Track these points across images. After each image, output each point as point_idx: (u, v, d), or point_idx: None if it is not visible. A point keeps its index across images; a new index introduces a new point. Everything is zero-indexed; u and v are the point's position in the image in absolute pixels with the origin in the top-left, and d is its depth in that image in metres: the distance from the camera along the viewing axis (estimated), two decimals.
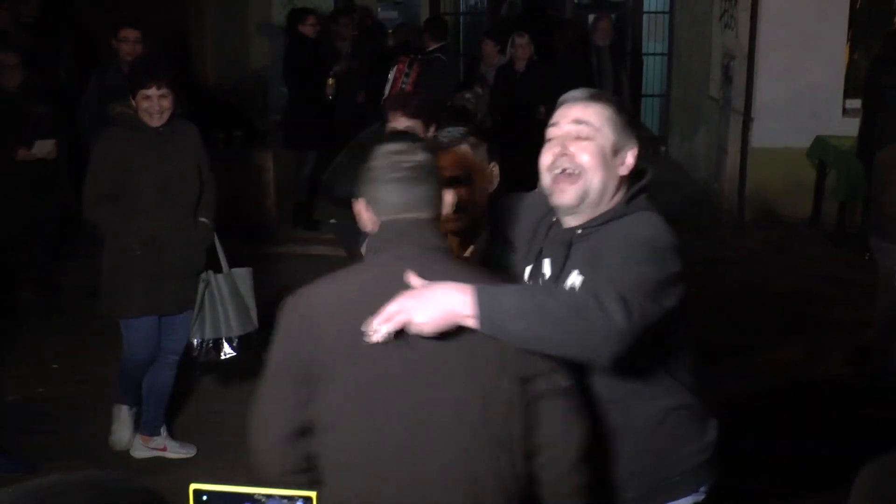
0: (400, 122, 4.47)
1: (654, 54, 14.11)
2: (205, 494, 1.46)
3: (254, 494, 1.45)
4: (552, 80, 8.60)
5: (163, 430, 5.40)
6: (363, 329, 2.21)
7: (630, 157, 2.69)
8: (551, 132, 2.71)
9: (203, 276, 5.10)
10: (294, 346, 2.36)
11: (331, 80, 9.42)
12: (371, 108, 8.93)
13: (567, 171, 2.64)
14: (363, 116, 8.75)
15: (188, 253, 5.08)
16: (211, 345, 5.14)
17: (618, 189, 2.69)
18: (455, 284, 2.26)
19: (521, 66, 9.33)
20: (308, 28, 9.45)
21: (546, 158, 2.69)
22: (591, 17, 15.02)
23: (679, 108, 13.13)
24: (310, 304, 2.39)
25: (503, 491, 2.35)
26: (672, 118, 13.49)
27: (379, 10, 12.96)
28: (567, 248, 2.70)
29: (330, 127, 9.18)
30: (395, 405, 2.30)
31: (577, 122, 2.65)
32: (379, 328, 2.22)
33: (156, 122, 4.88)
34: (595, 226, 2.67)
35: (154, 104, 4.83)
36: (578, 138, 2.65)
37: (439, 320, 2.23)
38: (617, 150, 2.67)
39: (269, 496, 1.45)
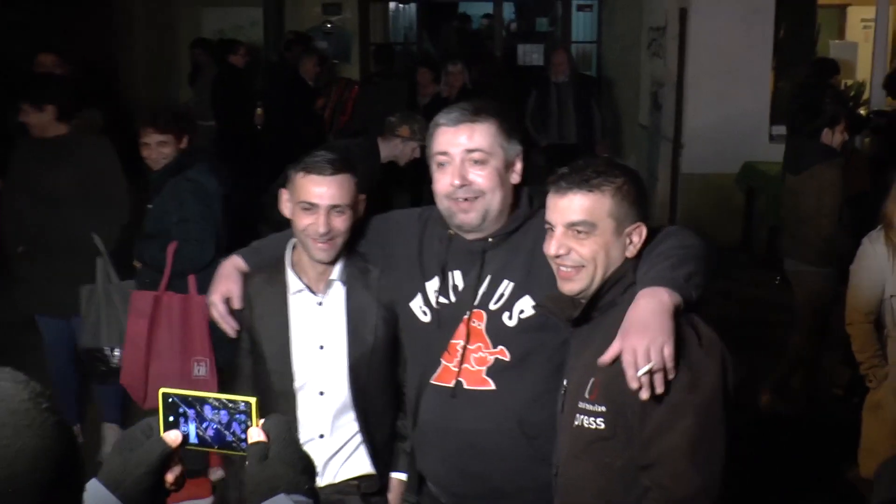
0: (152, 138, 4.74)
1: None
2: (171, 397, 1.70)
3: (208, 398, 1.70)
4: None
5: (75, 428, 5.41)
6: (631, 385, 2.24)
7: (519, 164, 2.77)
8: (441, 158, 2.71)
9: (88, 286, 5.11)
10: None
11: (259, 110, 9.35)
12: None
13: (468, 198, 2.68)
14: (292, 144, 8.68)
15: (70, 260, 5.15)
16: (97, 354, 5.09)
17: (514, 196, 2.76)
18: (639, 300, 2.32)
19: (452, 93, 9.30)
20: (238, 58, 9.39)
21: (443, 185, 2.71)
22: (519, 48, 15.20)
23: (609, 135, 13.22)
24: None
25: None
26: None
27: (312, 38, 12.91)
28: (480, 257, 2.76)
29: (259, 156, 9.09)
30: None
31: (469, 150, 2.67)
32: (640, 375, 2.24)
33: (36, 134, 5.18)
34: (505, 234, 2.76)
35: (30, 119, 5.14)
36: (474, 163, 2.68)
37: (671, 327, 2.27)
38: (509, 164, 2.73)
39: (218, 400, 1.69)
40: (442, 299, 2.82)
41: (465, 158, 2.68)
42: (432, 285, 2.84)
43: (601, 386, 2.38)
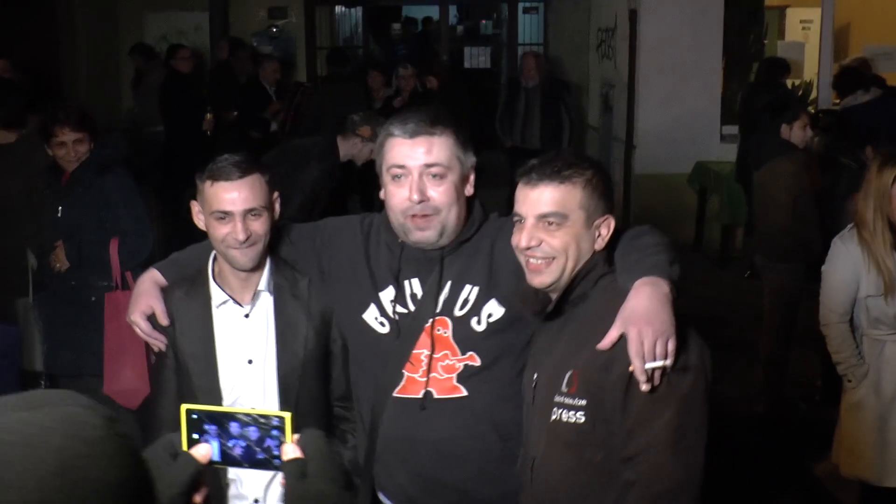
0: (69, 136, 4.69)
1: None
2: (194, 413, 1.62)
3: (236, 414, 1.61)
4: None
5: None
6: (638, 377, 2.21)
7: (472, 175, 2.71)
8: (397, 171, 2.62)
9: (23, 299, 5.11)
10: None
11: (208, 115, 9.20)
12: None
13: (426, 215, 2.60)
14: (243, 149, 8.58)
15: (9, 270, 5.11)
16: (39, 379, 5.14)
17: (468, 206, 2.70)
18: (642, 287, 2.29)
19: (404, 98, 9.26)
20: (180, 63, 9.24)
21: (399, 200, 2.62)
22: (466, 50, 15.22)
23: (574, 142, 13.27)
24: None
25: None
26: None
27: (254, 43, 12.78)
28: (438, 263, 2.67)
29: (209, 161, 8.95)
30: None
31: (428, 165, 2.59)
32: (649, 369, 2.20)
33: None
34: (462, 241, 2.68)
35: None
36: (432, 178, 2.60)
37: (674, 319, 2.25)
38: (465, 177, 2.67)
39: (248, 416, 1.61)
40: (400, 308, 2.70)
41: (424, 173, 2.59)
42: (387, 295, 2.72)
43: (581, 379, 2.35)
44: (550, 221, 2.39)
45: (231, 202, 2.70)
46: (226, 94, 9.70)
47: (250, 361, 2.83)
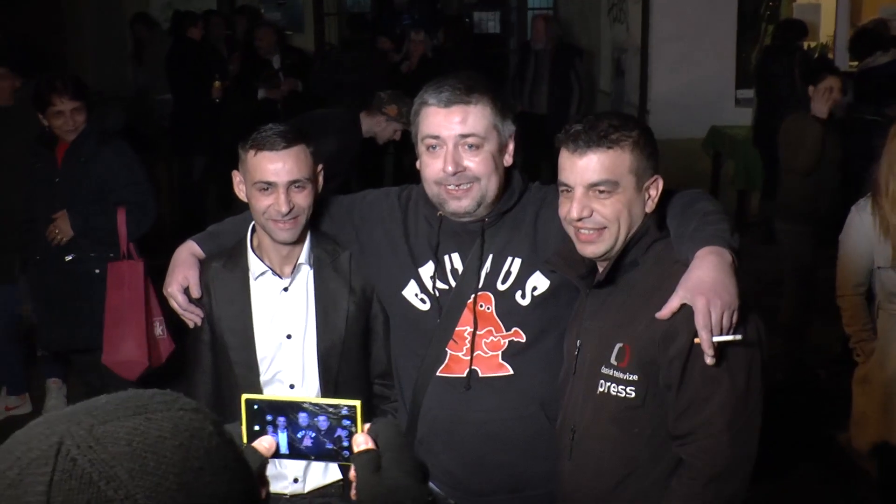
0: (66, 105, 4.67)
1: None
2: (255, 404, 1.53)
3: (303, 403, 1.52)
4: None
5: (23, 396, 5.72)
6: (705, 350, 2.13)
7: (512, 144, 2.61)
8: (431, 142, 2.53)
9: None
10: None
11: (217, 83, 9.11)
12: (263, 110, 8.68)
13: (462, 186, 2.51)
14: (256, 120, 8.48)
15: (6, 228, 5.19)
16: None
17: (506, 175, 2.61)
18: (707, 256, 2.20)
19: (412, 63, 9.15)
20: (196, 31, 9.16)
21: (434, 171, 2.53)
22: (475, 15, 15.06)
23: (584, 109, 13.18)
24: None
25: None
26: None
27: (262, 10, 12.66)
28: (479, 237, 2.59)
29: (217, 131, 8.86)
30: None
31: (463, 135, 2.50)
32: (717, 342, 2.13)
33: None
34: (502, 212, 2.60)
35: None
36: (468, 148, 2.51)
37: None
38: (503, 146, 2.57)
39: (316, 405, 1.51)
40: (440, 284, 2.63)
41: (459, 143, 2.51)
42: (427, 270, 2.65)
43: (634, 353, 2.28)
44: (602, 189, 2.30)
45: (275, 173, 2.63)
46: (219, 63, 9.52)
47: (289, 336, 2.77)
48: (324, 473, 2.83)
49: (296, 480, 2.81)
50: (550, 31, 9.80)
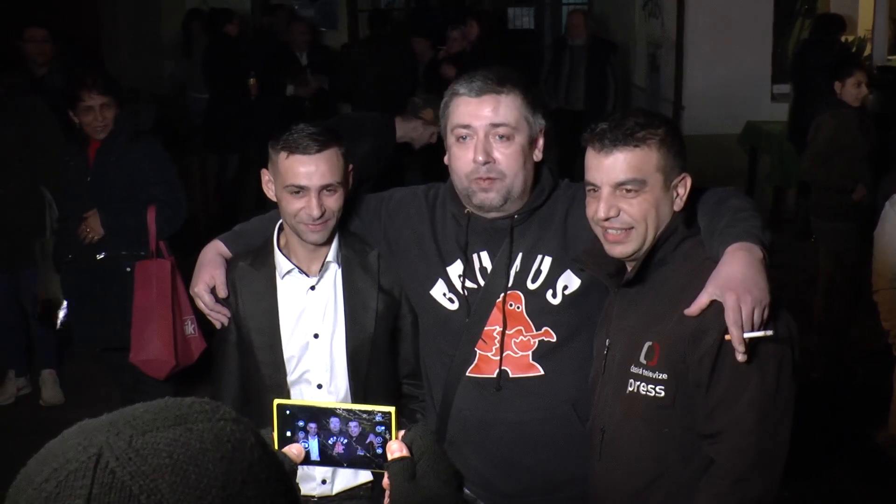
0: (96, 100, 4.67)
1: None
2: (287, 409, 1.51)
3: (336, 409, 1.50)
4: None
5: (23, 380, 5.91)
6: (735, 347, 2.11)
7: (542, 140, 2.58)
8: (462, 132, 2.51)
9: (41, 239, 5.21)
10: None
11: (252, 80, 9.14)
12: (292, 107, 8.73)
13: (490, 177, 2.49)
14: (286, 117, 8.50)
15: (18, 213, 5.35)
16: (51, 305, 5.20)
17: (535, 172, 2.58)
18: (737, 252, 2.18)
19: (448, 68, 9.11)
20: (233, 28, 9.21)
21: (464, 162, 2.50)
22: (510, 11, 15.02)
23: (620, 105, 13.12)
24: None
25: None
26: None
27: (296, 7, 12.72)
28: (508, 234, 2.57)
29: (252, 129, 8.91)
30: None
31: (494, 125, 2.47)
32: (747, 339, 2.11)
33: None
34: (532, 209, 2.58)
35: None
36: (498, 139, 2.49)
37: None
38: (533, 140, 2.55)
39: (349, 411, 1.49)
40: (469, 283, 2.60)
41: (490, 133, 2.48)
42: (455, 269, 2.62)
43: (663, 352, 2.26)
44: (628, 189, 2.28)
45: (307, 177, 2.60)
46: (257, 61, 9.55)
47: (316, 335, 2.75)
48: (353, 475, 2.81)
49: (324, 482, 2.80)
50: (587, 26, 9.74)
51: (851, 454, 5.18)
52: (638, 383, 2.31)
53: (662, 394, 2.27)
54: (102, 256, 4.82)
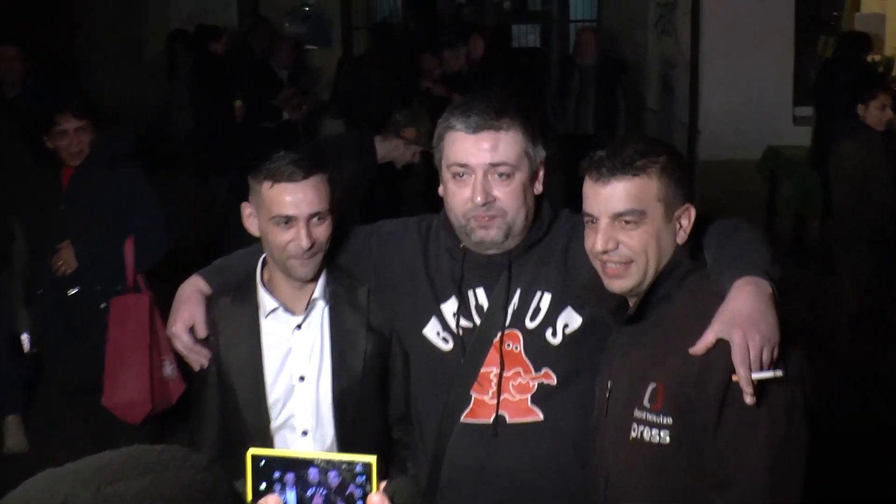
0: (70, 123, 4.65)
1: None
2: (262, 459, 1.49)
3: (314, 459, 1.49)
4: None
5: None
6: (743, 388, 2.10)
7: (542, 172, 2.61)
8: (458, 170, 2.52)
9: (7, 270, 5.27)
10: None
11: (238, 102, 9.15)
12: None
13: (490, 215, 2.50)
14: (279, 142, 8.51)
15: None
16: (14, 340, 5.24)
17: (536, 205, 2.60)
18: (744, 287, 2.18)
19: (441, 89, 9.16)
20: (220, 46, 9.23)
21: (460, 200, 2.52)
22: (514, 28, 15.10)
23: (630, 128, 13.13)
24: None
25: None
26: None
27: (286, 24, 12.76)
28: (506, 269, 2.58)
29: (238, 154, 8.90)
30: None
31: (494, 164, 2.49)
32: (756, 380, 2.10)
33: None
34: (531, 243, 2.59)
35: None
36: (498, 177, 2.50)
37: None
38: (534, 174, 2.56)
39: (328, 461, 1.49)
40: (464, 322, 2.61)
41: (489, 172, 2.50)
42: (449, 307, 2.63)
43: (667, 394, 2.25)
44: (627, 220, 2.30)
45: (294, 205, 2.61)
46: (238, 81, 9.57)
47: (302, 378, 2.75)
48: None
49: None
50: (598, 45, 9.75)
51: (877, 494, 5.14)
52: (641, 428, 2.30)
53: (668, 440, 2.26)
54: (76, 291, 4.78)
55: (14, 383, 5.59)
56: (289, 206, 2.61)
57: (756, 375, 2.10)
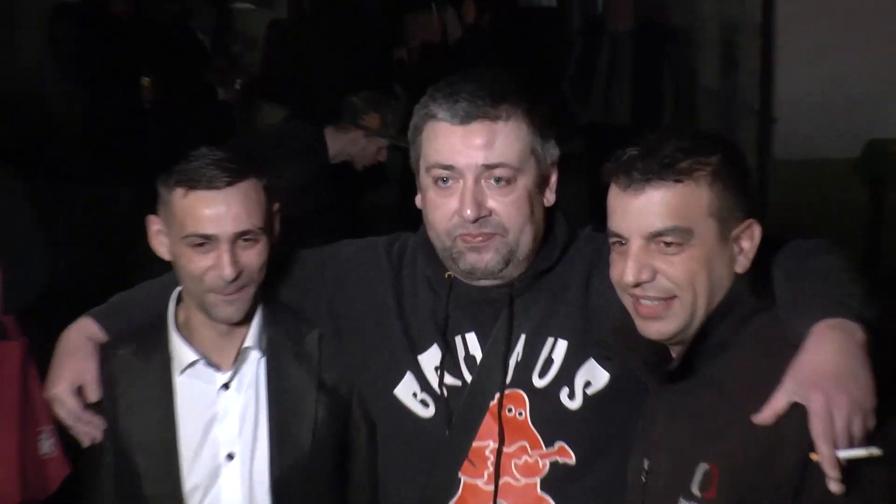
0: None
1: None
2: None
3: None
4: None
5: None
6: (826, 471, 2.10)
7: (554, 175, 2.65)
8: (441, 173, 2.56)
9: None
10: None
11: (146, 81, 9.20)
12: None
13: (484, 233, 2.54)
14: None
15: None
16: None
17: (547, 221, 2.65)
18: (827, 332, 2.19)
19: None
20: (122, 7, 9.27)
21: (443, 214, 2.57)
22: None
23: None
24: None
25: None
26: None
27: None
28: (506, 308, 2.63)
29: (148, 150, 8.91)
30: None
31: (488, 166, 2.52)
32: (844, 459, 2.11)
33: None
34: (539, 273, 2.65)
35: None
36: (494, 183, 2.54)
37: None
38: (543, 178, 2.60)
39: None
40: (450, 380, 2.65)
41: (482, 176, 2.53)
42: (430, 359, 2.68)
43: (724, 478, 2.26)
44: (667, 242, 2.33)
45: (215, 221, 2.63)
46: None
47: (230, 456, 2.77)
48: None
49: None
50: (634, 5, 9.81)
51: None
52: None
53: None
54: None
55: None
56: (208, 223, 2.63)
57: (843, 454, 2.11)
